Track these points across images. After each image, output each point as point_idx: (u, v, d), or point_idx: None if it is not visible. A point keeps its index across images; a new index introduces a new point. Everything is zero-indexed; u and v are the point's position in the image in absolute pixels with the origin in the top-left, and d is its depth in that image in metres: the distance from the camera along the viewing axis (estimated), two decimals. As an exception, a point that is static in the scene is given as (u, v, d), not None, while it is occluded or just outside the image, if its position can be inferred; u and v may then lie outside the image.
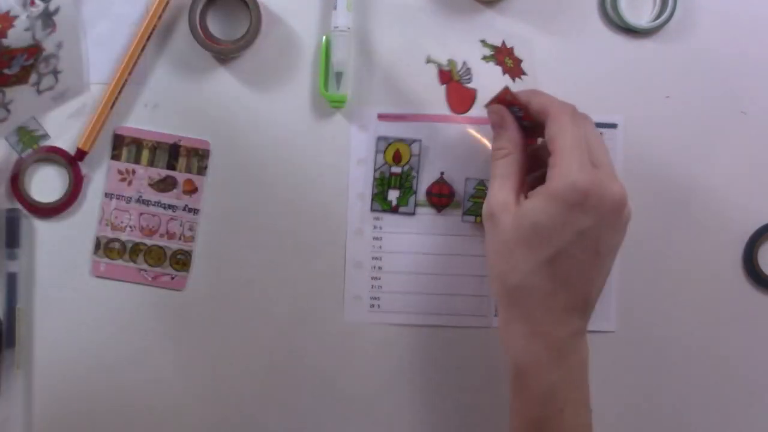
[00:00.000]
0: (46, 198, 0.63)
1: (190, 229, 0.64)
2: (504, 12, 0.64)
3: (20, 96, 0.59)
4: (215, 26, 0.63)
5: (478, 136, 0.64)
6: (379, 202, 0.64)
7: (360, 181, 0.64)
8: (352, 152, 0.64)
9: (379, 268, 0.64)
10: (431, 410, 0.65)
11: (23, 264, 0.63)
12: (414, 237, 0.64)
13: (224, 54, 0.63)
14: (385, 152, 0.64)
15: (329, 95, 0.63)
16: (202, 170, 0.64)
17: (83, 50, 0.62)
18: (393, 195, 0.64)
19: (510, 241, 0.53)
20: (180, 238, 0.64)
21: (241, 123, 0.64)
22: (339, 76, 0.63)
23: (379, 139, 0.64)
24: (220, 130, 0.64)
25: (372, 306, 0.64)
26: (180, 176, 0.64)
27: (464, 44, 0.64)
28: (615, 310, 0.65)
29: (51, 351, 0.64)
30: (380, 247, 0.64)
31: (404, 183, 0.64)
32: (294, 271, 0.64)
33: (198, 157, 0.64)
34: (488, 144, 0.63)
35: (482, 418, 0.65)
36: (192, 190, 0.64)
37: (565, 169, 0.52)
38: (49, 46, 0.58)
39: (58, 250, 0.64)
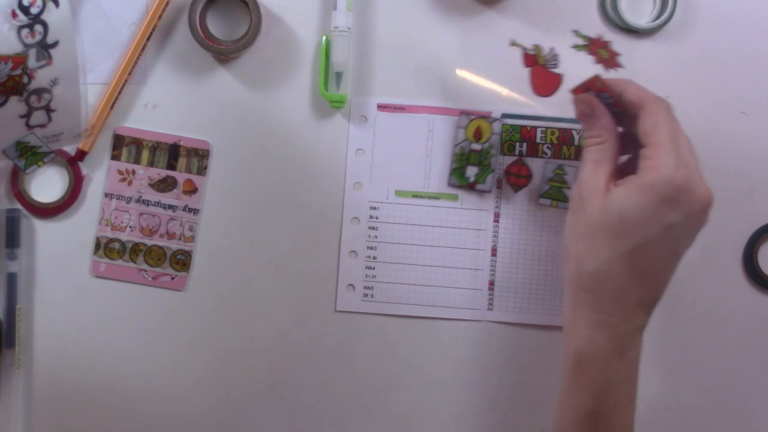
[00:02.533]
0: (46, 198, 0.63)
1: (190, 229, 0.64)
2: (504, 12, 0.64)
3: (7, 125, 0.58)
4: (215, 26, 0.63)
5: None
6: (457, 177, 0.64)
7: (357, 170, 0.64)
8: (350, 141, 0.64)
9: (374, 257, 0.64)
10: (422, 401, 0.65)
11: (23, 264, 0.63)
12: (409, 227, 0.64)
13: (224, 54, 0.63)
14: (466, 128, 0.64)
15: (329, 95, 0.63)
16: (202, 170, 0.64)
17: (82, 95, 0.61)
18: (471, 171, 0.64)
19: (594, 226, 0.53)
20: (180, 238, 0.64)
21: (241, 123, 0.64)
22: (339, 76, 0.63)
23: (462, 114, 0.64)
24: (220, 130, 0.64)
25: (365, 295, 0.64)
26: (180, 176, 0.64)
27: (553, 34, 0.64)
28: (615, 310, 0.65)
29: (51, 351, 0.64)
30: (375, 236, 0.64)
31: (483, 160, 0.64)
32: (294, 271, 0.64)
33: (198, 157, 0.64)
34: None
35: (474, 411, 0.65)
36: (192, 190, 0.64)
37: (662, 163, 0.51)
38: (42, 78, 0.57)
39: (58, 250, 0.64)
